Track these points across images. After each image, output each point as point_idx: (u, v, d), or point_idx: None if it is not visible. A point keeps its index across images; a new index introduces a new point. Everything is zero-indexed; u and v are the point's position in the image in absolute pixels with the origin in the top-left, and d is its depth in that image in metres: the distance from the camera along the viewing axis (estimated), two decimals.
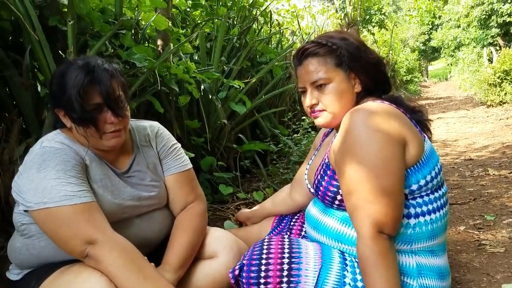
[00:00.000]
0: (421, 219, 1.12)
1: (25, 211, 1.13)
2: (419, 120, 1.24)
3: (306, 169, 1.49)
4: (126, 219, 1.26)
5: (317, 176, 1.26)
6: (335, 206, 1.21)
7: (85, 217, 1.06)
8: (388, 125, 1.07)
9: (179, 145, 1.47)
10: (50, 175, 1.07)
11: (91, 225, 1.06)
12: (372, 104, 1.15)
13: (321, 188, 1.23)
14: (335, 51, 1.21)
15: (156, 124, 1.46)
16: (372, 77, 1.25)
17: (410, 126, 1.12)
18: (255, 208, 1.78)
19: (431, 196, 1.14)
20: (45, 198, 1.05)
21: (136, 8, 2.64)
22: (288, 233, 1.55)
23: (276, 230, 1.60)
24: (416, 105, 1.30)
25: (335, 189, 1.18)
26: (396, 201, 1.04)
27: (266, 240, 1.23)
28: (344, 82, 1.22)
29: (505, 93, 8.57)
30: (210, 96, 2.97)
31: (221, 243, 1.35)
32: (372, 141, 1.05)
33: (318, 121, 1.27)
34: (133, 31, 2.48)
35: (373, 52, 1.28)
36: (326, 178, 1.22)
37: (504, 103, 8.58)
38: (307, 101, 1.26)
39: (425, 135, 1.20)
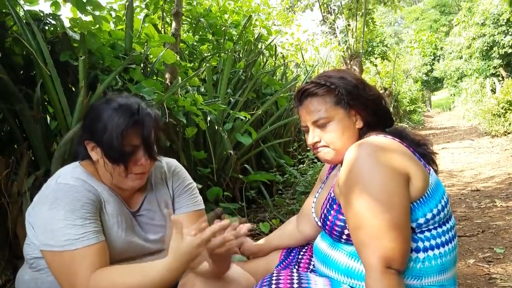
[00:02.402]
0: (430, 253, 1.11)
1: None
2: (424, 153, 1.25)
3: (313, 202, 1.49)
4: (135, 257, 1.26)
5: (324, 210, 1.26)
6: (343, 240, 1.20)
7: (85, 263, 1.06)
8: (391, 159, 1.08)
9: (194, 184, 1.47)
10: (59, 215, 1.08)
11: (87, 273, 1.06)
12: (375, 139, 1.16)
13: (327, 222, 1.23)
14: (334, 90, 1.24)
15: (174, 162, 1.46)
16: (373, 112, 1.27)
17: (413, 160, 1.13)
18: (261, 241, 1.76)
19: (439, 230, 1.14)
20: (52, 241, 1.07)
21: (145, 43, 2.71)
22: (296, 266, 1.53)
23: (284, 263, 1.59)
24: (421, 138, 1.31)
25: (342, 224, 1.18)
26: (402, 236, 1.04)
27: (274, 274, 1.22)
28: (344, 119, 1.24)
29: (510, 123, 8.59)
30: (216, 127, 3.01)
31: (229, 277, 1.34)
32: (376, 175, 1.06)
33: (322, 158, 1.30)
34: (142, 65, 2.54)
35: (372, 89, 1.30)
36: (332, 212, 1.22)
37: (509, 133, 8.59)
38: (310, 139, 1.29)
39: (430, 168, 1.20)
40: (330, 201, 1.24)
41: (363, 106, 1.25)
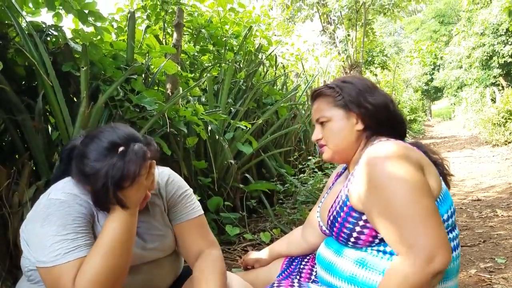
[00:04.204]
0: None
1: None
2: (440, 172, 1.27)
3: (319, 207, 1.50)
4: (132, 266, 1.26)
5: (332, 213, 1.26)
6: (350, 244, 1.20)
7: (74, 275, 1.05)
8: (409, 155, 1.11)
9: (190, 191, 1.44)
10: (50, 231, 1.08)
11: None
12: (385, 143, 1.18)
13: (336, 224, 1.23)
14: (337, 92, 1.32)
15: (166, 171, 1.43)
16: (374, 118, 1.29)
17: (428, 162, 1.17)
18: (264, 250, 1.76)
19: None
20: (45, 257, 1.07)
21: (147, 54, 2.73)
22: (298, 276, 1.53)
23: (285, 273, 1.58)
24: (438, 158, 1.33)
25: (351, 226, 1.18)
26: (440, 223, 1.05)
27: (275, 284, 1.22)
28: (343, 120, 1.30)
29: (510, 133, 8.61)
30: (217, 137, 3.01)
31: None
32: (401, 168, 1.07)
33: (322, 155, 1.39)
34: (143, 76, 2.55)
35: (380, 96, 1.32)
36: (342, 214, 1.21)
37: (510, 142, 8.59)
38: (313, 135, 1.38)
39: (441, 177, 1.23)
40: (340, 204, 1.23)
41: (362, 110, 1.28)
